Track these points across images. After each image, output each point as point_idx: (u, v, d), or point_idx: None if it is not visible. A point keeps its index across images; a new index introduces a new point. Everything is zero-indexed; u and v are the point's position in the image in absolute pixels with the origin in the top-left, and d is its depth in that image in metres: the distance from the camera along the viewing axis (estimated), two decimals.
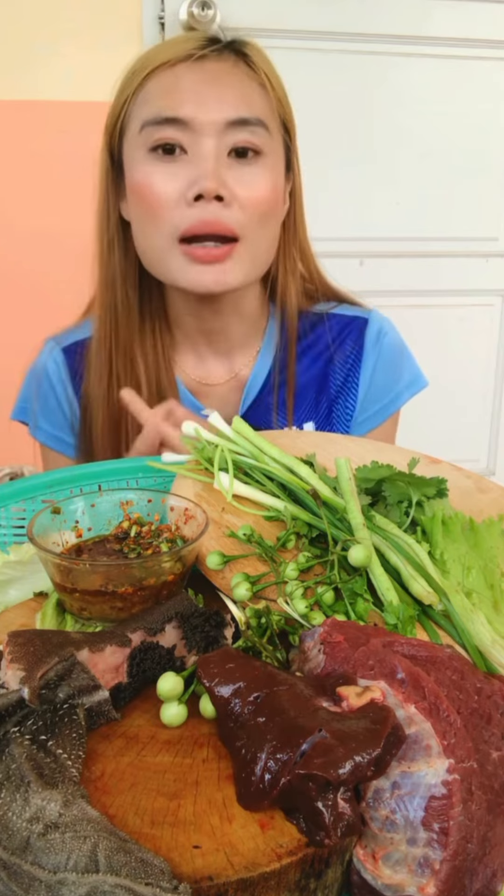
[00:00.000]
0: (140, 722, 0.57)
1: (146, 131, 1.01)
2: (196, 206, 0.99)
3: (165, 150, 1.00)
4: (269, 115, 1.04)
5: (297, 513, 0.77)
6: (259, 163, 1.03)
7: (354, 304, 1.24)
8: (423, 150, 2.18)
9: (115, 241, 1.11)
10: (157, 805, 0.48)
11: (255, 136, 1.01)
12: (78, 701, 0.53)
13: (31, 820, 0.44)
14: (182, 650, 0.62)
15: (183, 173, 1.00)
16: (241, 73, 1.02)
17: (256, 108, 1.02)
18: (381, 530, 0.74)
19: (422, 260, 2.27)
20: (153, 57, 1.02)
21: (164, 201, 1.00)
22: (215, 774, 0.51)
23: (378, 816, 0.48)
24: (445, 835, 0.46)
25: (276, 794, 0.47)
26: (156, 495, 0.78)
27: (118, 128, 1.06)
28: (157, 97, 1.00)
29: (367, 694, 0.51)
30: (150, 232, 1.03)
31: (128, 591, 0.65)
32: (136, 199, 1.04)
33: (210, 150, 0.99)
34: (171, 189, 1.00)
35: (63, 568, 0.65)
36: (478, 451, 2.48)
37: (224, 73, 1.01)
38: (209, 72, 1.00)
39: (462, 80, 2.16)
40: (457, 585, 0.70)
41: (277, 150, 1.06)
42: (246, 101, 1.01)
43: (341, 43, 2.05)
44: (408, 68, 2.11)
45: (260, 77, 1.03)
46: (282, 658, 0.62)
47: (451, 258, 2.29)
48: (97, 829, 0.43)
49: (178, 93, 0.99)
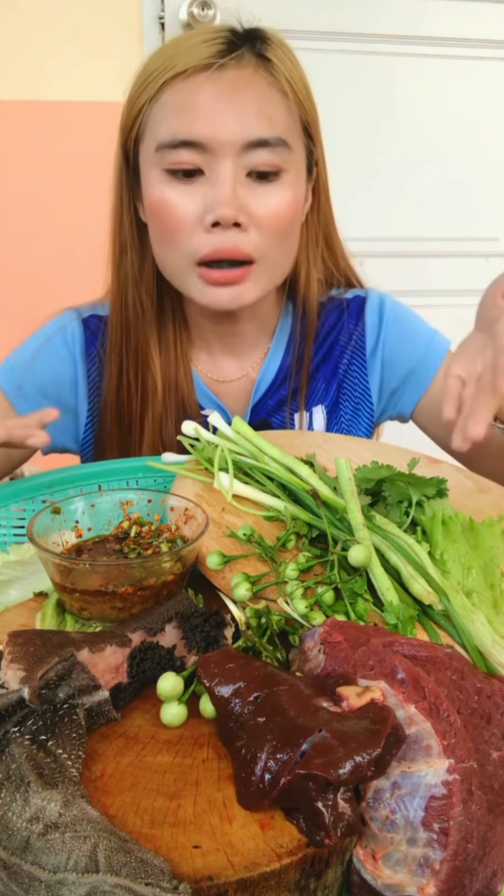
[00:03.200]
0: (140, 722, 0.57)
1: (161, 152, 0.98)
2: (213, 233, 0.97)
3: (183, 174, 0.98)
4: (290, 126, 1.01)
5: (297, 513, 0.77)
6: (278, 181, 1.00)
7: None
8: (423, 149, 2.18)
9: (128, 243, 1.09)
10: (157, 805, 0.48)
11: (275, 155, 0.98)
12: (78, 701, 0.53)
13: (31, 820, 0.44)
14: (182, 650, 0.62)
15: (200, 194, 0.98)
16: (261, 83, 0.98)
17: (277, 124, 0.98)
18: (381, 530, 0.74)
19: (421, 260, 2.27)
20: (170, 62, 0.98)
21: (181, 224, 0.99)
22: (215, 774, 0.51)
23: (378, 816, 0.48)
24: (445, 835, 0.46)
25: (276, 795, 0.47)
26: (156, 495, 0.78)
27: (134, 133, 1.03)
28: (172, 115, 0.97)
29: (367, 694, 0.51)
30: (168, 250, 1.03)
31: (128, 591, 0.65)
32: (152, 217, 1.03)
33: (227, 173, 0.96)
34: (188, 210, 0.98)
35: (63, 568, 0.65)
36: None
37: (243, 84, 0.97)
38: (227, 84, 0.96)
39: (462, 80, 2.16)
40: (457, 585, 0.70)
41: (298, 162, 1.03)
42: (266, 118, 0.97)
43: (341, 43, 2.05)
44: (408, 68, 2.11)
45: (281, 84, 0.99)
46: (282, 658, 0.62)
47: (451, 259, 2.29)
48: (97, 829, 0.43)
49: (193, 110, 0.96)
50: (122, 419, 1.13)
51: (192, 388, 1.15)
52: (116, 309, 1.12)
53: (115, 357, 1.12)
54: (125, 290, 1.11)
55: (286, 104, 1.00)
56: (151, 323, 1.12)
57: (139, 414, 1.12)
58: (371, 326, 1.19)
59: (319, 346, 1.19)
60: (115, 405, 1.13)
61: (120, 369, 1.12)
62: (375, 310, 1.20)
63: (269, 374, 1.18)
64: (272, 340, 1.19)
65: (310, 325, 1.18)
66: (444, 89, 2.15)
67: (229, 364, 1.18)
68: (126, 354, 1.12)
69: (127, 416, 1.13)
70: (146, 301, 1.11)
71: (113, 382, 1.12)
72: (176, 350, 1.14)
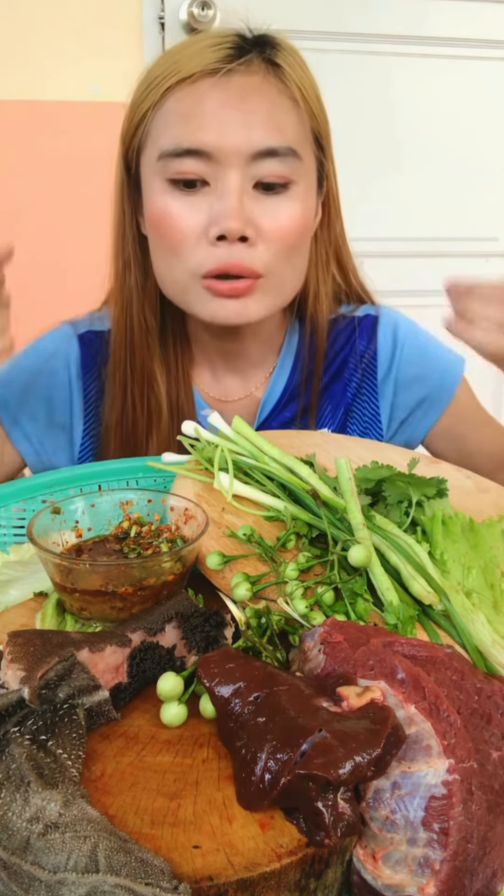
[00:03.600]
0: (140, 722, 0.57)
1: (164, 161, 0.94)
2: (219, 247, 0.93)
3: (186, 184, 0.94)
4: (301, 136, 0.97)
5: (297, 513, 0.77)
6: (287, 193, 0.95)
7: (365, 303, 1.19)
8: (423, 150, 2.19)
9: (132, 259, 1.05)
10: (157, 805, 0.48)
11: (284, 166, 0.94)
12: (78, 701, 0.53)
13: (31, 820, 0.44)
14: (182, 650, 0.62)
15: (205, 206, 0.94)
16: (270, 90, 0.94)
17: (287, 133, 0.94)
18: (381, 530, 0.74)
19: (421, 260, 2.27)
20: (174, 67, 0.94)
21: (185, 237, 0.94)
22: (215, 774, 0.51)
23: (378, 816, 0.48)
24: (445, 835, 0.46)
25: (276, 795, 0.47)
26: (156, 495, 0.78)
27: (136, 142, 0.99)
28: (176, 122, 0.93)
29: (367, 694, 0.51)
30: (170, 264, 0.98)
31: (128, 591, 0.65)
32: (153, 229, 0.98)
33: (234, 185, 0.92)
34: (193, 224, 0.94)
35: (63, 568, 0.65)
36: None
37: (252, 91, 0.93)
38: (235, 90, 0.92)
39: (463, 80, 2.16)
40: (457, 585, 0.70)
41: (308, 173, 0.99)
42: (276, 127, 0.93)
43: (342, 43, 2.05)
44: (408, 68, 2.11)
45: (292, 91, 0.95)
46: (282, 658, 0.62)
47: (451, 258, 2.29)
48: (97, 829, 0.43)
49: (199, 117, 0.92)
50: (126, 442, 1.09)
51: (194, 408, 1.11)
52: (120, 328, 1.08)
53: (119, 378, 1.08)
54: (129, 308, 1.06)
55: (297, 113, 0.96)
56: (155, 342, 1.08)
57: (145, 436, 1.09)
58: (384, 349, 1.15)
59: (328, 365, 1.15)
60: (119, 427, 1.09)
61: (125, 390, 1.08)
62: (389, 332, 1.15)
63: (275, 393, 1.14)
64: (278, 359, 1.15)
65: (318, 345, 1.13)
66: (444, 89, 2.15)
67: (233, 383, 1.15)
68: (131, 375, 1.07)
69: (132, 438, 1.09)
70: (150, 319, 1.07)
71: (118, 404, 1.08)
72: (178, 370, 1.10)
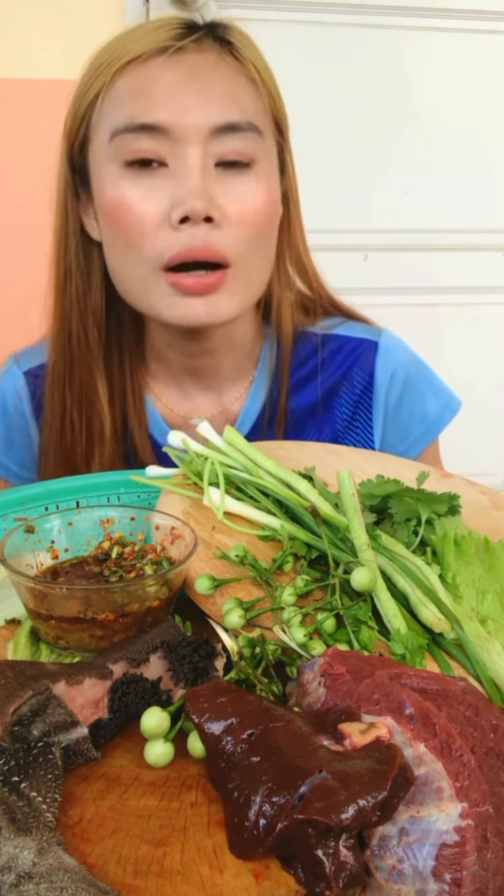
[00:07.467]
0: (122, 762, 0.57)
1: (117, 141, 0.95)
2: (182, 230, 0.93)
3: (142, 165, 0.95)
4: (262, 114, 0.99)
5: (295, 532, 0.78)
6: (251, 172, 0.97)
7: (359, 321, 1.21)
8: (433, 133, 2.20)
9: (73, 266, 1.06)
10: (141, 853, 0.48)
11: (247, 142, 0.96)
12: (54, 739, 0.54)
13: (2, 870, 0.44)
14: (168, 683, 0.63)
15: (164, 189, 0.94)
16: (227, 67, 0.96)
17: (247, 108, 0.96)
18: (387, 551, 0.74)
19: (431, 254, 2.29)
20: (121, 49, 0.95)
21: (144, 224, 0.95)
22: (205, 819, 0.52)
23: (384, 866, 0.49)
24: (458, 886, 0.46)
25: (271, 842, 0.47)
26: (139, 513, 0.78)
27: (81, 134, 1.00)
28: (128, 100, 0.94)
29: (371, 731, 0.52)
30: (129, 259, 0.98)
31: (109, 617, 0.65)
32: (109, 221, 0.98)
33: (195, 162, 0.93)
34: (152, 209, 0.94)
35: (37, 592, 0.66)
36: (494, 464, 2.49)
37: (207, 67, 0.95)
38: (189, 67, 0.94)
39: (475, 56, 2.17)
40: (470, 612, 0.70)
41: (271, 153, 1.01)
42: (235, 102, 0.95)
43: (343, 15, 2.06)
44: (416, 43, 2.13)
45: (249, 70, 0.97)
46: (278, 692, 0.63)
47: (463, 251, 2.30)
48: (75, 879, 0.43)
49: (153, 94, 0.93)
50: (65, 465, 1.10)
51: (146, 429, 1.12)
52: (58, 341, 1.09)
53: (57, 395, 1.09)
54: (69, 320, 1.08)
55: (255, 91, 0.98)
56: (98, 356, 1.09)
57: (83, 459, 1.10)
58: (381, 380, 1.16)
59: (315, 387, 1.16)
60: (58, 449, 1.10)
61: (63, 409, 1.09)
62: (389, 365, 1.17)
63: (255, 407, 1.14)
64: (256, 370, 1.16)
65: (283, 355, 1.14)
66: (456, 66, 2.17)
67: (204, 399, 1.15)
68: (69, 392, 1.09)
69: (72, 460, 1.10)
70: (92, 331, 1.08)
71: (56, 424, 1.10)
72: (127, 386, 1.11)
